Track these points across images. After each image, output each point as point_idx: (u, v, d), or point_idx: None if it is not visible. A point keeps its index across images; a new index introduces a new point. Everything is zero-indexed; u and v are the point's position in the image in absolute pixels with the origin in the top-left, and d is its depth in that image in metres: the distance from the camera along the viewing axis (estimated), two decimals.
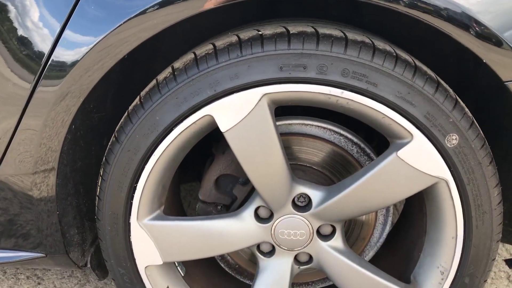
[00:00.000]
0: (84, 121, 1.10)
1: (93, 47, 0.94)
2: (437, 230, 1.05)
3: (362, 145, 1.13)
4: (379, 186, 0.99)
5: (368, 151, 1.13)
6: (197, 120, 0.97)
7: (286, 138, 1.14)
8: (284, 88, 0.93)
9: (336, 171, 1.16)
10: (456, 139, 0.94)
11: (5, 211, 1.11)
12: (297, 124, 1.13)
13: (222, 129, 0.97)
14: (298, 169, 1.15)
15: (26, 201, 1.09)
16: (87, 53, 0.94)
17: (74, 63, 0.95)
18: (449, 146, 0.94)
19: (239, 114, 0.95)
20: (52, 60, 0.95)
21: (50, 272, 1.67)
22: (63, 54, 0.95)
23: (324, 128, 1.13)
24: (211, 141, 1.21)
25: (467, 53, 0.92)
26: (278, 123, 1.13)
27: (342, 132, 1.13)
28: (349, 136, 1.13)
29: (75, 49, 0.95)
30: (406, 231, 1.27)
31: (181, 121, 0.97)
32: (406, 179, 0.97)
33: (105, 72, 0.97)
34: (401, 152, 0.95)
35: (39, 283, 1.62)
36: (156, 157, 1.01)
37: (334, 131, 1.13)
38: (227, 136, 0.97)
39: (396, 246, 1.28)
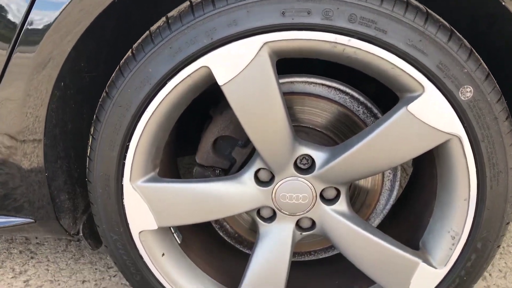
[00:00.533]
0: (74, 80, 1.04)
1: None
2: (448, 193, 0.99)
3: (369, 105, 1.07)
4: (388, 144, 0.93)
5: (375, 111, 1.07)
6: (192, 73, 0.91)
7: (288, 98, 1.08)
8: (287, 35, 0.87)
9: (341, 133, 1.10)
10: (470, 91, 0.87)
11: None
12: (300, 82, 1.07)
13: (220, 82, 0.90)
14: (301, 131, 1.09)
15: (12, 163, 1.03)
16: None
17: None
18: (463, 99, 0.88)
19: (237, 66, 0.89)
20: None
21: (43, 247, 1.62)
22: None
23: (329, 86, 1.07)
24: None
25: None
26: (280, 81, 1.07)
27: (348, 90, 1.06)
28: (355, 95, 1.07)
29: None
30: (414, 197, 1.21)
31: (176, 73, 0.91)
32: (417, 136, 0.91)
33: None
34: (412, 106, 0.89)
35: (32, 257, 1.57)
36: (149, 114, 0.95)
37: (339, 89, 1.07)
38: (225, 90, 0.91)
39: (403, 214, 1.22)
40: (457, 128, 0.90)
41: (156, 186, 1.02)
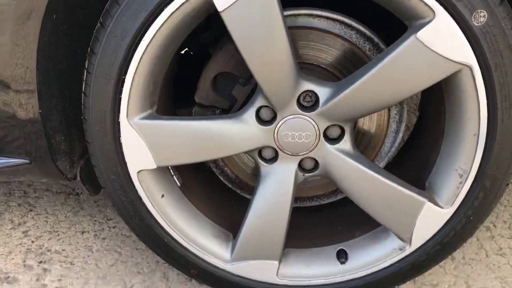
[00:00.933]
0: (67, 15, 1.00)
1: None
2: (457, 129, 0.95)
3: (376, 40, 1.02)
4: (395, 75, 0.89)
5: (382, 46, 1.03)
6: None
7: (292, 32, 1.03)
8: None
9: (346, 70, 1.06)
10: (484, 16, 0.83)
11: None
12: (304, 15, 1.02)
13: (219, 7, 0.86)
14: (304, 68, 1.05)
15: (5, 96, 0.99)
16: None
17: None
18: (476, 24, 0.83)
19: None
20: None
21: (42, 200, 1.60)
22: None
23: (334, 20, 1.02)
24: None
25: None
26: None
27: (354, 24, 1.02)
28: (362, 29, 1.02)
29: None
30: (420, 138, 1.17)
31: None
32: (426, 66, 0.87)
33: None
34: (421, 34, 0.84)
35: (31, 210, 1.55)
36: (145, 43, 0.90)
37: (345, 23, 1.02)
38: (225, 17, 0.86)
39: (409, 156, 1.19)
40: (468, 57, 0.85)
41: (154, 123, 0.99)
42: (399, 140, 1.12)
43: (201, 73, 1.06)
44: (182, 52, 1.28)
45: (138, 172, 1.02)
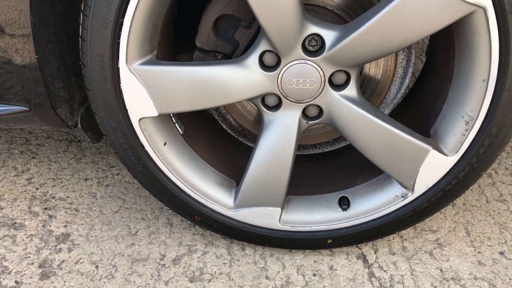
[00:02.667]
0: None
1: None
2: (466, 74, 0.93)
3: None
4: (406, 17, 0.85)
5: None
6: None
7: None
8: None
9: (354, 13, 1.01)
10: None
11: None
12: None
13: None
14: (309, 10, 1.00)
15: (1, 42, 0.96)
16: None
17: None
18: None
19: None
20: None
21: (44, 148, 1.60)
22: None
23: None
24: None
25: None
26: None
27: None
28: None
29: None
30: (427, 84, 1.15)
31: None
32: (437, 6, 0.83)
33: None
34: None
35: (33, 157, 1.55)
36: None
37: None
38: None
39: (415, 103, 1.17)
40: None
41: (154, 69, 0.96)
42: (405, 86, 1.09)
43: (202, 15, 1.01)
44: None
45: (140, 119, 1.01)
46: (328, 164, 1.23)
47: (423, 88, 1.17)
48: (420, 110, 1.12)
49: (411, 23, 0.85)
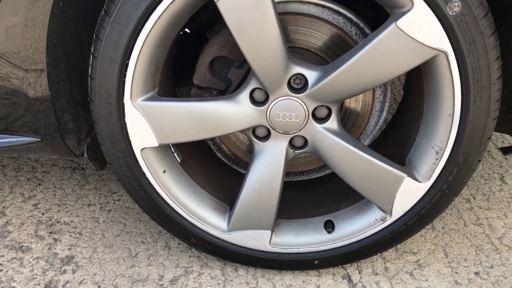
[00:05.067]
0: (73, 1, 1.06)
1: None
2: (434, 109, 1.04)
3: (361, 25, 1.09)
4: (377, 60, 0.96)
5: (368, 31, 1.10)
6: None
7: (283, 18, 1.10)
8: None
9: (334, 54, 1.13)
10: (458, 6, 0.90)
11: None
12: (294, 1, 1.09)
13: None
14: (294, 52, 1.12)
15: (18, 82, 1.07)
16: None
17: None
18: (451, 13, 0.90)
19: None
20: None
21: (49, 175, 1.69)
22: None
23: (323, 6, 1.09)
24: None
25: None
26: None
27: (341, 11, 1.08)
28: (348, 15, 1.09)
29: None
30: (403, 117, 1.26)
31: None
32: (405, 51, 0.95)
33: None
34: (401, 22, 0.92)
35: (39, 184, 1.65)
36: (147, 30, 0.98)
37: (333, 9, 1.09)
38: (220, 6, 0.93)
39: (393, 134, 1.27)
40: (444, 43, 0.93)
41: (156, 104, 1.07)
42: (383, 118, 1.20)
43: (199, 56, 1.13)
44: (181, 32, 1.35)
45: (142, 149, 1.11)
46: (315, 189, 1.33)
47: (400, 120, 1.28)
48: (397, 141, 1.23)
49: (382, 65, 0.97)
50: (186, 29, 1.33)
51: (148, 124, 1.07)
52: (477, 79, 0.96)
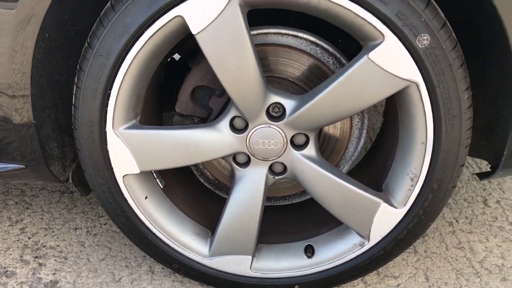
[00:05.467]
0: (59, 33, 1.09)
1: None
2: (408, 137, 1.06)
3: (338, 55, 1.13)
4: (351, 90, 1.00)
5: (344, 61, 1.13)
6: (168, 22, 0.97)
7: (262, 49, 1.14)
8: None
9: (312, 83, 1.16)
10: (427, 39, 0.94)
11: None
12: (273, 33, 1.13)
13: (193, 31, 0.96)
14: (274, 81, 1.15)
15: (3, 111, 1.09)
16: None
17: None
18: (420, 46, 0.94)
19: (209, 15, 0.94)
20: None
21: (38, 198, 1.71)
22: None
23: (301, 38, 1.12)
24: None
25: None
26: (254, 32, 1.13)
27: (318, 42, 1.12)
28: (325, 46, 1.12)
29: None
30: (381, 144, 1.29)
31: (152, 22, 0.97)
32: (377, 82, 0.98)
33: None
34: (372, 54, 0.95)
35: (27, 208, 1.66)
36: (128, 62, 1.01)
37: (310, 41, 1.12)
38: (199, 39, 0.97)
39: (372, 160, 1.30)
40: (415, 74, 0.96)
41: (137, 132, 1.09)
42: (361, 145, 1.23)
43: (181, 85, 1.16)
44: (169, 59, 1.38)
45: (124, 176, 1.13)
46: (296, 214, 1.34)
47: (379, 147, 1.31)
48: (376, 167, 1.26)
49: (355, 95, 1.00)
50: (174, 56, 1.37)
51: (129, 151, 1.10)
52: (448, 109, 0.99)
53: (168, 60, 1.38)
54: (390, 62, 0.95)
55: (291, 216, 1.34)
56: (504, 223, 1.55)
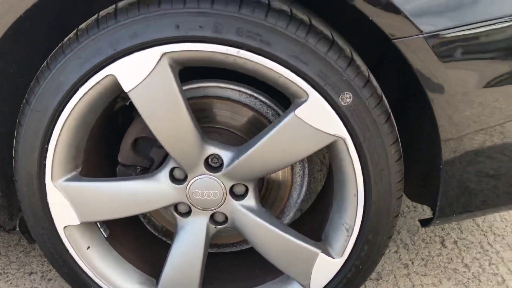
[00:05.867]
0: (4, 84, 1.12)
1: None
2: (341, 188, 1.08)
3: (275, 108, 1.16)
4: (281, 145, 1.02)
5: (282, 113, 1.16)
6: (100, 80, 0.99)
7: (203, 101, 1.16)
8: (182, 47, 0.95)
9: (253, 134, 1.18)
10: (350, 97, 0.96)
11: None
12: (212, 87, 1.16)
13: (125, 89, 0.99)
14: (214, 132, 1.18)
15: None
16: None
17: None
18: (344, 104, 0.97)
19: (140, 74, 0.97)
20: None
21: None
22: None
23: (239, 91, 1.15)
24: None
25: None
26: (194, 85, 1.16)
27: (255, 95, 1.15)
28: (263, 99, 1.15)
29: None
30: (324, 192, 1.30)
31: (85, 81, 0.99)
32: (305, 137, 1.00)
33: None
34: (299, 111, 0.98)
35: None
36: (64, 118, 1.03)
37: (248, 94, 1.15)
38: (131, 96, 0.99)
39: (316, 208, 1.31)
40: (340, 130, 0.99)
41: (76, 184, 1.11)
42: (303, 192, 1.24)
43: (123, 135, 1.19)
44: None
45: (64, 227, 1.14)
46: (244, 261, 1.35)
47: (322, 196, 1.32)
48: (318, 216, 1.27)
49: (285, 148, 1.02)
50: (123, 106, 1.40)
51: (69, 203, 1.11)
52: (376, 162, 1.01)
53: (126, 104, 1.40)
54: (316, 118, 0.98)
55: (240, 263, 1.34)
56: (459, 265, 1.56)
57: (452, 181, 1.09)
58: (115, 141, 1.30)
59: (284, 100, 1.21)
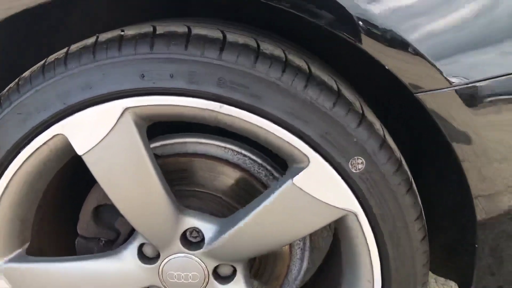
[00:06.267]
0: None
1: None
2: (352, 272, 0.87)
3: (269, 168, 0.95)
4: (276, 219, 0.81)
5: (277, 174, 0.95)
6: (48, 141, 0.79)
7: (181, 160, 0.96)
8: (150, 101, 0.75)
9: (242, 199, 0.97)
10: (362, 163, 0.76)
11: None
12: (192, 142, 0.95)
13: (79, 151, 0.78)
14: (194, 196, 0.97)
15: None
16: None
17: None
18: (354, 171, 0.76)
19: (97, 134, 0.77)
20: None
21: None
22: None
23: (224, 147, 0.95)
24: None
25: None
26: (168, 141, 0.96)
27: (244, 152, 0.95)
28: (253, 157, 0.95)
29: None
30: (329, 265, 1.08)
31: (29, 142, 0.79)
32: (306, 211, 0.79)
33: None
34: (298, 179, 0.77)
35: None
36: (3, 186, 0.82)
37: (236, 151, 0.95)
38: (86, 160, 0.79)
39: (319, 282, 1.09)
40: (351, 203, 0.78)
41: (21, 266, 0.89)
42: (304, 267, 1.03)
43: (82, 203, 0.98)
44: None
45: None
46: None
47: (326, 268, 1.11)
48: None
49: (282, 224, 0.81)
50: None
51: None
52: (396, 244, 0.80)
53: None
54: (319, 188, 0.77)
55: None
56: None
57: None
58: (78, 203, 1.09)
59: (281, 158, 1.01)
